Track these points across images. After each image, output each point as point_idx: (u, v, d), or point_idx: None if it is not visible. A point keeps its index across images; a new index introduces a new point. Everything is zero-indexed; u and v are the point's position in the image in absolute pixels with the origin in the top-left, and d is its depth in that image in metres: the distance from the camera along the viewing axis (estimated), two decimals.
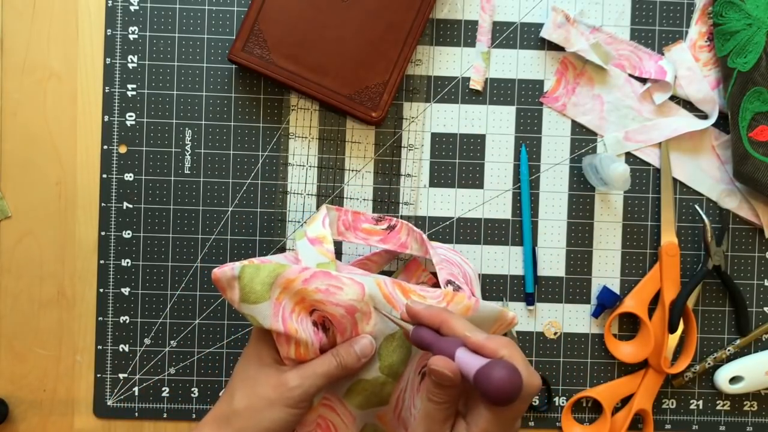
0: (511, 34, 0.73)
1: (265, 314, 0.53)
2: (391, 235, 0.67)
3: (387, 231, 0.67)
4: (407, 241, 0.67)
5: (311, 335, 0.54)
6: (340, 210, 0.67)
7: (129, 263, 0.73)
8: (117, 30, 0.72)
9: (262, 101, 0.73)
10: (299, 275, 0.53)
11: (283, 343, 0.54)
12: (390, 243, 0.67)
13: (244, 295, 0.53)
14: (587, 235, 0.74)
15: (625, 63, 0.73)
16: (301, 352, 0.54)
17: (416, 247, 0.67)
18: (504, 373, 0.43)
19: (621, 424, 0.73)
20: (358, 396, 0.57)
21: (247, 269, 0.53)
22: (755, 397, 0.75)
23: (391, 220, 0.68)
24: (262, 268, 0.53)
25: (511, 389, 0.43)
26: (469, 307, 0.56)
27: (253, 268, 0.53)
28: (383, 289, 0.55)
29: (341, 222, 0.66)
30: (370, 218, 0.67)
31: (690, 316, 0.72)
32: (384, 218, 0.68)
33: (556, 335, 0.74)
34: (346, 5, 0.69)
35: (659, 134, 0.73)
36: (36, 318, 0.73)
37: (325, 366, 0.54)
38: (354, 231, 0.67)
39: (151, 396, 0.73)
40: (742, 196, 0.73)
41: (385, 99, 0.70)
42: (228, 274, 0.54)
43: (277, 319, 0.53)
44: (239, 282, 0.53)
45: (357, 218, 0.67)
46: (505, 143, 0.74)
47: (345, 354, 0.54)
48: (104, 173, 0.72)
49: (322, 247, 0.58)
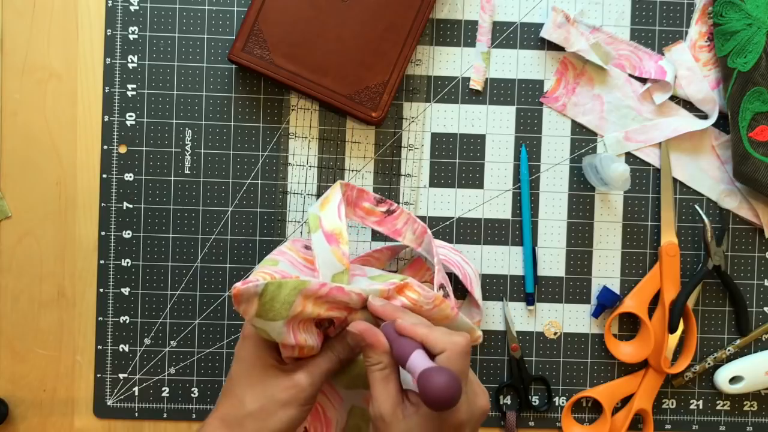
0: (511, 34, 0.73)
1: (279, 331, 0.53)
2: (388, 219, 0.67)
3: (385, 214, 0.67)
4: (402, 229, 0.67)
5: (316, 339, 0.56)
6: (347, 185, 0.65)
7: (129, 263, 0.73)
8: (117, 30, 0.72)
9: (262, 101, 0.73)
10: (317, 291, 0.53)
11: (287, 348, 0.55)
12: (385, 227, 0.67)
13: (263, 312, 0.52)
14: (587, 235, 0.74)
15: (625, 63, 0.73)
16: (305, 352, 0.55)
17: (411, 237, 0.67)
18: (443, 380, 0.44)
19: (621, 424, 0.73)
20: (346, 377, 0.58)
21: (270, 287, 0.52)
22: (755, 397, 0.75)
23: (392, 204, 0.67)
24: (285, 285, 0.52)
25: (448, 396, 0.44)
26: (448, 317, 0.58)
27: (276, 285, 0.52)
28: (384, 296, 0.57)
29: (345, 197, 0.66)
30: (372, 198, 0.67)
31: (690, 316, 0.72)
32: (385, 201, 0.67)
33: (556, 335, 0.74)
34: (346, 5, 0.69)
35: (659, 134, 0.73)
36: (36, 318, 0.73)
37: (327, 363, 0.56)
38: (354, 208, 0.67)
39: (151, 396, 0.73)
40: (742, 196, 0.73)
41: (385, 99, 0.70)
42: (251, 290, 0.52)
43: (289, 336, 0.53)
44: (259, 299, 0.52)
45: (361, 196, 0.67)
46: (505, 143, 0.74)
47: (341, 348, 0.57)
48: (104, 173, 0.72)
49: (338, 248, 0.58)
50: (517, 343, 0.74)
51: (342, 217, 0.60)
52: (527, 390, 0.74)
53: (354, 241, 0.73)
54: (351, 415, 0.61)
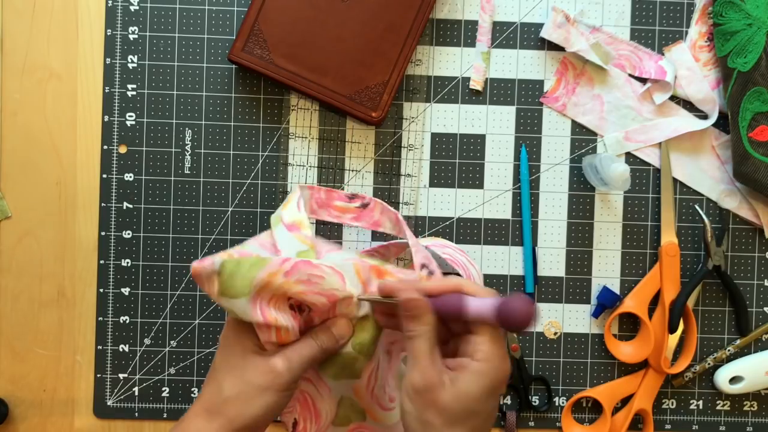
0: (511, 34, 0.73)
1: (244, 308, 0.53)
2: (365, 213, 0.67)
3: (360, 209, 0.67)
4: (381, 219, 0.67)
5: (290, 320, 0.55)
6: (313, 188, 0.65)
7: (129, 263, 0.73)
8: (117, 30, 0.72)
9: (262, 101, 0.73)
10: (280, 267, 0.53)
11: (263, 330, 0.55)
12: (363, 221, 0.67)
13: (224, 290, 0.53)
14: (587, 235, 0.74)
15: (625, 63, 0.73)
16: (282, 336, 0.55)
17: (390, 225, 0.67)
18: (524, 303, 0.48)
19: (621, 424, 0.73)
20: (332, 367, 0.58)
21: (228, 264, 0.53)
22: (755, 397, 0.75)
23: (365, 197, 0.67)
24: (243, 262, 0.53)
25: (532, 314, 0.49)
26: None
27: (234, 263, 0.53)
28: (360, 276, 0.56)
29: (314, 200, 0.66)
30: (343, 196, 0.66)
31: (690, 316, 0.72)
32: (357, 196, 0.66)
33: (556, 335, 0.74)
34: (346, 5, 0.69)
35: (659, 134, 0.73)
36: (36, 318, 0.73)
37: (307, 349, 0.55)
38: (327, 209, 0.66)
39: (151, 396, 0.73)
40: (742, 196, 0.73)
41: (385, 99, 0.70)
42: (208, 269, 0.53)
43: (255, 312, 0.53)
44: (219, 277, 0.53)
45: (330, 196, 0.66)
46: (505, 143, 0.74)
47: (325, 338, 0.56)
48: (104, 173, 0.72)
49: (300, 233, 0.58)
50: (517, 343, 0.74)
51: (302, 209, 0.60)
52: (527, 390, 0.74)
53: (354, 241, 0.73)
54: (341, 405, 0.61)
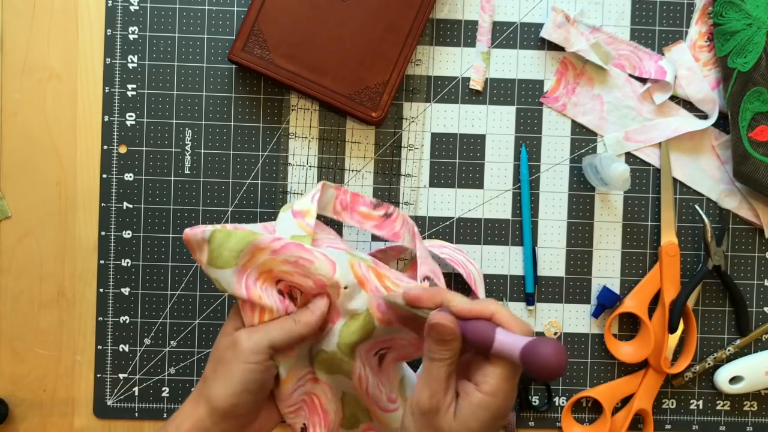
0: (511, 34, 0.73)
1: (229, 280, 0.54)
2: (387, 222, 0.66)
3: (383, 218, 0.66)
4: (401, 231, 0.66)
5: (276, 302, 0.55)
6: (339, 189, 0.65)
7: (129, 263, 0.73)
8: (117, 30, 0.72)
9: (262, 101, 0.73)
10: (270, 245, 0.54)
11: (247, 311, 0.55)
12: (384, 230, 0.66)
13: (212, 259, 0.54)
14: (587, 235, 0.74)
15: (625, 63, 0.73)
16: (265, 318, 0.55)
17: (408, 238, 0.67)
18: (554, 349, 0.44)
19: (621, 424, 0.73)
20: (323, 365, 0.58)
21: (218, 234, 0.54)
22: (755, 397, 0.75)
23: (389, 207, 0.66)
24: (233, 234, 0.54)
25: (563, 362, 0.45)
26: None
27: (224, 233, 0.54)
28: (356, 270, 0.56)
29: (338, 201, 0.66)
30: (368, 202, 0.66)
31: (690, 316, 0.72)
32: (382, 204, 0.66)
33: (556, 335, 0.74)
34: (346, 5, 0.69)
35: (659, 134, 0.73)
36: (36, 318, 0.73)
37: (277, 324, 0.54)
38: (350, 212, 0.66)
39: (151, 396, 0.73)
40: (742, 196, 0.73)
41: (385, 99, 0.70)
42: (199, 236, 0.54)
43: (240, 286, 0.54)
44: (208, 245, 0.54)
45: (355, 200, 0.66)
46: (505, 143, 0.74)
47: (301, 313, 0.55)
48: (104, 173, 0.72)
49: (302, 220, 0.58)
50: None
51: (314, 201, 0.60)
52: (527, 390, 0.74)
53: (354, 241, 0.73)
54: (345, 403, 0.61)
